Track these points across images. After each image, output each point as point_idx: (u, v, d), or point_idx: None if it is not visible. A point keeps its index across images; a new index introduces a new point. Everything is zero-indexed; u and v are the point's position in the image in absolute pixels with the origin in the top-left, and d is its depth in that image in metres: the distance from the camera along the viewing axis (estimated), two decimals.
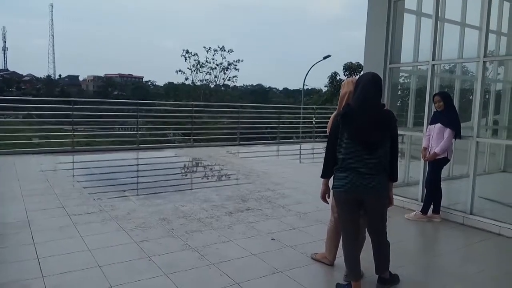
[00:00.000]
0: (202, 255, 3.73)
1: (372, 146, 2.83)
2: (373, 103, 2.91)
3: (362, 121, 2.85)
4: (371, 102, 2.89)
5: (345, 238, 3.08)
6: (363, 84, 2.95)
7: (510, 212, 5.15)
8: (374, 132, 2.84)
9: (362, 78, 3.03)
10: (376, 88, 2.93)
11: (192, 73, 36.21)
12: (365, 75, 3.07)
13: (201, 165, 9.42)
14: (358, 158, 2.85)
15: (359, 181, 2.85)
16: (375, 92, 2.92)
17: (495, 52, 7.39)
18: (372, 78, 2.97)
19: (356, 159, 2.85)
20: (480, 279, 3.48)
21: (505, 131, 7.85)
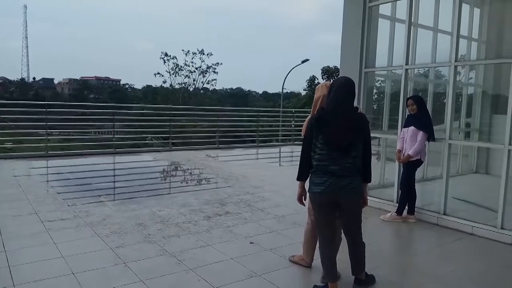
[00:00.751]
0: (180, 260, 3.69)
1: (346, 148, 2.89)
2: (346, 107, 2.97)
3: (336, 124, 2.91)
4: (344, 106, 2.95)
5: (322, 240, 3.11)
6: (336, 88, 3.01)
7: (482, 212, 5.30)
8: (348, 135, 2.90)
9: (335, 82, 3.10)
10: (348, 92, 3.00)
11: (171, 76, 35.97)
12: (338, 79, 3.14)
13: (179, 169, 9.33)
14: (333, 160, 2.90)
15: (335, 183, 2.89)
16: (347, 96, 2.98)
17: (466, 57, 7.63)
18: (345, 82, 3.04)
19: (331, 161, 2.90)
20: (454, 278, 3.56)
21: (476, 133, 8.10)
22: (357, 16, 5.91)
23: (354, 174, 2.93)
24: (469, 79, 8.68)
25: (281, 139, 15.70)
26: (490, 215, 4.79)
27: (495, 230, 4.55)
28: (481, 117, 7.95)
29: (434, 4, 6.92)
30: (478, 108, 8.05)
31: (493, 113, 7.68)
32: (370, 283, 3.27)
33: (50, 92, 71.58)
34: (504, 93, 4.51)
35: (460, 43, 5.07)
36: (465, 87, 8.42)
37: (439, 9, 6.88)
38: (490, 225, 4.62)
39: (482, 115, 7.95)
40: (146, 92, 44.41)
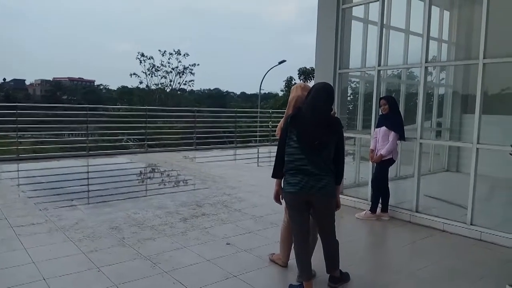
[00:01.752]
0: (155, 263, 3.64)
1: (318, 148, 2.93)
2: (323, 109, 3.01)
3: (309, 123, 2.96)
4: (320, 109, 2.99)
5: (296, 239, 3.14)
6: (316, 90, 3.06)
7: (452, 209, 5.45)
8: (320, 135, 2.94)
9: (317, 85, 3.15)
10: (328, 96, 3.06)
11: (147, 76, 35.49)
12: (318, 83, 3.19)
13: (155, 171, 9.21)
14: (306, 159, 2.94)
15: (308, 182, 2.94)
16: (327, 99, 3.04)
17: (437, 58, 7.85)
18: (325, 86, 3.10)
19: (304, 161, 2.95)
20: (426, 274, 3.65)
21: (447, 132, 8.35)
22: (330, 18, 5.98)
23: (326, 174, 2.97)
24: (440, 80, 8.94)
25: (259, 140, 15.74)
26: (461, 212, 4.93)
27: (465, 226, 4.70)
28: (452, 116, 8.20)
29: (405, 7, 7.09)
30: (448, 108, 8.30)
31: (463, 113, 7.94)
32: (344, 281, 3.32)
33: (22, 94, 69.34)
34: (473, 93, 4.66)
35: (431, 45, 5.21)
36: (436, 88, 8.67)
37: (410, 11, 7.06)
38: (460, 222, 4.76)
39: (452, 114, 8.20)
40: (121, 93, 43.57)
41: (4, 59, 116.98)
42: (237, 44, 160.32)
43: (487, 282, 3.48)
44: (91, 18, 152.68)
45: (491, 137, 4.78)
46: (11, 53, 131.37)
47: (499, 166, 5.17)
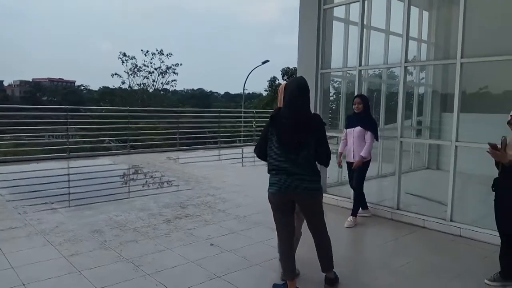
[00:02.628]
0: (137, 266, 3.61)
1: (297, 146, 2.93)
2: (298, 107, 3.00)
3: (288, 123, 2.96)
4: (296, 107, 3.00)
5: (280, 238, 3.15)
6: (289, 89, 3.09)
7: (433, 206, 5.56)
8: (298, 134, 2.94)
9: (289, 83, 3.16)
10: (300, 92, 3.03)
11: (129, 76, 35.07)
12: (291, 80, 3.20)
13: (138, 173, 9.11)
14: (286, 159, 2.95)
15: (292, 182, 2.94)
16: (299, 96, 3.02)
17: (417, 58, 7.99)
18: (297, 83, 3.09)
19: (284, 161, 2.95)
20: (407, 270, 3.72)
21: (427, 131, 8.51)
22: (312, 18, 6.02)
23: (308, 172, 2.98)
24: (420, 80, 9.10)
25: (243, 140, 15.73)
26: (440, 208, 5.03)
27: (444, 222, 4.80)
28: (431, 115, 8.36)
29: (385, 7, 7.19)
30: (428, 107, 8.46)
31: (442, 111, 8.09)
32: (338, 282, 3.30)
33: (0, 95, 67.62)
34: (451, 92, 4.75)
35: (411, 45, 5.30)
36: (416, 87, 8.82)
37: (390, 12, 7.16)
38: (440, 218, 4.86)
39: (432, 113, 8.36)
40: (103, 94, 42.89)
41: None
42: (221, 44, 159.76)
43: (466, 277, 3.56)
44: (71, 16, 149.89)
45: (470, 135, 4.88)
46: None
47: (477, 163, 5.30)
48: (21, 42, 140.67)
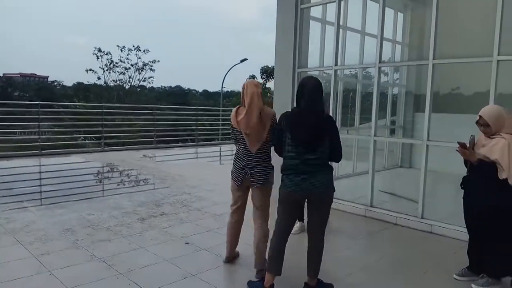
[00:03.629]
0: (110, 265, 3.54)
1: (313, 146, 2.94)
2: (314, 109, 2.99)
3: (303, 124, 2.95)
4: (311, 109, 2.98)
5: (278, 232, 3.10)
6: (306, 90, 3.01)
7: (405, 203, 5.69)
8: (315, 133, 2.94)
9: (303, 84, 3.07)
10: (318, 93, 3.02)
11: (105, 72, 34.29)
12: (305, 80, 3.14)
13: (112, 171, 8.95)
14: (302, 158, 2.94)
15: (305, 181, 2.94)
16: (316, 97, 3.01)
17: (391, 59, 8.16)
18: (313, 84, 3.04)
19: (299, 161, 2.95)
20: (380, 266, 3.80)
21: (401, 130, 8.70)
22: (289, 17, 6.05)
23: (322, 171, 2.99)
24: (395, 80, 9.29)
25: (221, 138, 15.69)
26: (412, 206, 5.16)
27: (416, 219, 4.92)
28: (405, 115, 8.55)
29: (361, 8, 7.31)
30: (402, 107, 8.65)
31: (415, 111, 8.30)
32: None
33: None
34: (424, 93, 4.87)
35: (386, 46, 5.40)
36: (391, 87, 9.00)
37: (366, 13, 7.27)
38: (412, 215, 4.98)
39: (405, 113, 8.56)
40: (77, 90, 41.87)
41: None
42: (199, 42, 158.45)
43: (437, 273, 3.66)
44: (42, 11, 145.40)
45: (441, 135, 5.02)
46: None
47: (448, 162, 5.45)
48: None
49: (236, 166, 3.44)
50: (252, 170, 3.35)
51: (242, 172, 3.39)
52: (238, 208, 3.57)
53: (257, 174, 3.35)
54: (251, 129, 3.28)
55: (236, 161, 3.46)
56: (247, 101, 3.30)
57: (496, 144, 3.07)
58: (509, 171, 3.00)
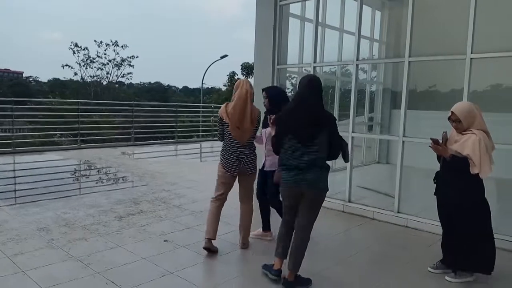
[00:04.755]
0: (86, 264, 3.49)
1: (309, 141, 3.02)
2: (311, 106, 3.08)
3: (300, 121, 3.05)
4: (308, 106, 3.08)
5: (283, 221, 3.34)
6: (302, 87, 3.17)
7: (382, 198, 5.80)
8: (310, 129, 3.02)
9: (301, 81, 3.23)
10: (312, 89, 3.12)
11: (81, 68, 33.55)
12: (304, 78, 3.26)
13: (89, 168, 8.78)
14: (298, 156, 3.05)
15: (298, 176, 3.06)
16: (311, 93, 3.11)
17: (369, 56, 8.26)
18: (308, 81, 3.18)
19: (296, 157, 3.06)
20: (357, 260, 3.86)
21: (378, 126, 8.84)
22: (269, 14, 6.06)
23: (318, 168, 3.08)
24: (373, 78, 9.42)
25: (202, 135, 15.61)
26: (389, 201, 5.26)
27: (392, 214, 5.02)
28: (382, 112, 8.68)
29: (340, 6, 7.36)
30: (379, 104, 8.78)
31: (392, 108, 8.43)
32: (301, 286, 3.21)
33: None
34: (401, 90, 4.95)
35: (364, 44, 5.46)
36: (369, 85, 9.12)
37: (344, 10, 7.34)
38: (389, 210, 5.09)
39: (383, 110, 8.69)
40: (53, 86, 40.81)
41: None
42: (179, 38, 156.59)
43: (412, 266, 3.74)
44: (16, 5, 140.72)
45: (417, 131, 5.13)
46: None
47: (423, 157, 5.58)
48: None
49: (229, 157, 3.77)
50: (245, 159, 3.78)
51: (236, 162, 3.75)
52: (222, 195, 3.88)
53: (250, 163, 3.82)
54: (244, 124, 3.68)
55: (229, 153, 3.78)
56: (242, 98, 3.66)
57: (467, 140, 3.16)
58: (480, 166, 3.10)
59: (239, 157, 3.77)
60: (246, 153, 3.80)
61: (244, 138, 3.75)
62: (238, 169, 3.78)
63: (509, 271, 3.61)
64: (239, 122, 3.69)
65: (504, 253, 4.04)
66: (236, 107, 3.68)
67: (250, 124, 3.74)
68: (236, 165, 3.77)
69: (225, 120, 3.72)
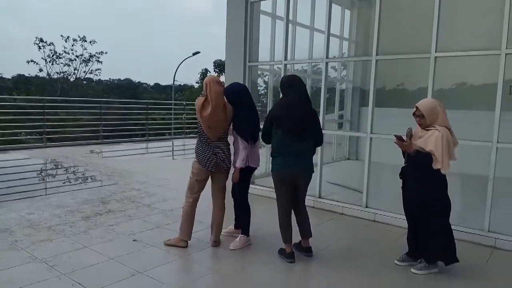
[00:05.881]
0: (51, 266, 3.38)
1: (302, 132, 3.55)
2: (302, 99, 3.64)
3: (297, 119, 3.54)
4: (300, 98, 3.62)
5: (282, 210, 3.69)
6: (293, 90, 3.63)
7: (351, 193, 5.91)
8: (303, 122, 3.56)
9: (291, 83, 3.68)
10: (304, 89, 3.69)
11: (47, 64, 32.31)
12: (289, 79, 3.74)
13: (55, 167, 8.51)
14: (294, 146, 3.54)
15: (298, 163, 3.57)
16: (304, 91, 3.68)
17: (339, 55, 8.38)
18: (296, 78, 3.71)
19: (292, 147, 3.54)
20: (326, 254, 3.92)
21: (348, 124, 9.00)
22: (239, 11, 6.04)
23: (310, 155, 3.67)
24: (343, 76, 9.57)
25: (174, 132, 15.42)
26: (358, 196, 5.37)
27: (361, 209, 5.14)
28: (352, 109, 8.85)
29: (310, 4, 7.43)
30: (349, 101, 8.94)
31: (361, 106, 8.60)
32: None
33: None
34: (369, 88, 5.06)
35: (335, 42, 5.53)
36: (339, 83, 9.27)
37: (315, 8, 7.41)
38: (357, 205, 5.20)
39: (352, 107, 8.85)
40: (17, 82, 39.11)
41: None
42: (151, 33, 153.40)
43: (379, 259, 3.84)
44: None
45: (385, 128, 5.23)
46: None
47: (390, 153, 5.72)
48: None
49: (205, 153, 3.78)
50: (221, 154, 3.82)
51: (212, 157, 3.78)
52: (197, 193, 3.90)
53: (227, 159, 3.88)
54: (216, 124, 3.71)
55: (206, 149, 3.79)
56: (213, 99, 3.64)
57: (431, 136, 3.26)
58: (442, 162, 3.21)
59: (215, 152, 3.79)
60: (221, 147, 3.84)
61: (216, 136, 3.76)
62: (215, 164, 3.79)
63: (472, 261, 3.76)
64: (210, 122, 3.68)
65: (468, 244, 4.23)
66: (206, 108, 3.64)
67: (223, 122, 3.77)
68: (212, 160, 3.78)
69: (199, 120, 3.71)
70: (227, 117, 3.78)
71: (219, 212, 3.99)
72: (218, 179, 3.94)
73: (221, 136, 3.82)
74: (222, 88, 3.75)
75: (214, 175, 3.91)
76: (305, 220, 3.80)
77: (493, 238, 4.22)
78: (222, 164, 3.84)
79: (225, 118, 3.76)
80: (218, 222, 3.99)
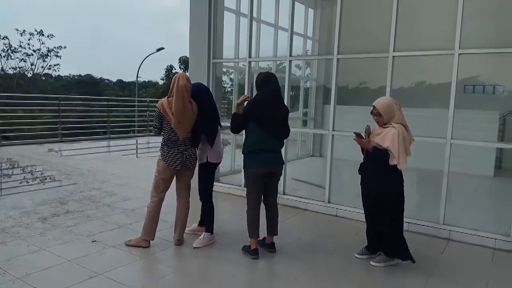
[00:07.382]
0: (5, 270, 3.23)
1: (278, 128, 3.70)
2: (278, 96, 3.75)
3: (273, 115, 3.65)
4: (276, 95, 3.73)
5: (253, 205, 3.76)
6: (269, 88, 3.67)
7: (314, 190, 6.01)
8: (282, 123, 3.75)
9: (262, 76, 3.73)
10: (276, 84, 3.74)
11: (2, 59, 30.74)
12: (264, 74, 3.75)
13: (11, 167, 8.11)
14: (270, 142, 3.66)
15: (274, 158, 3.71)
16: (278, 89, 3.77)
17: (303, 53, 8.50)
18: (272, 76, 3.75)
19: (269, 143, 3.65)
20: (289, 249, 3.97)
21: (312, 121, 9.16)
22: (203, 7, 5.98)
23: (280, 149, 3.80)
24: (307, 74, 9.72)
25: (137, 130, 15.10)
26: (321, 192, 5.48)
27: (323, 204, 5.24)
28: (315, 107, 9.01)
29: (274, 2, 7.48)
30: (313, 99, 9.09)
31: (325, 104, 8.78)
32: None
33: None
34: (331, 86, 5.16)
35: (299, 41, 5.59)
36: (303, 81, 9.40)
37: (279, 7, 7.47)
38: (320, 201, 5.30)
39: (316, 105, 9.01)
40: None
41: None
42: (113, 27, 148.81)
43: (341, 253, 3.93)
44: None
45: (347, 125, 5.35)
46: None
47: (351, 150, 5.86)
48: None
49: (171, 151, 3.74)
50: (188, 152, 3.80)
51: (179, 155, 3.74)
52: (162, 192, 3.86)
53: (193, 157, 3.86)
54: (186, 119, 3.67)
55: (170, 147, 3.75)
56: (184, 92, 3.63)
57: (387, 133, 3.38)
58: (398, 158, 3.32)
59: (181, 150, 3.76)
60: (188, 145, 3.81)
61: (183, 132, 3.73)
62: (181, 162, 3.75)
63: (428, 253, 3.93)
64: (181, 118, 3.64)
65: (424, 237, 4.42)
66: (177, 103, 3.61)
67: (192, 118, 3.75)
68: (178, 159, 3.74)
69: (165, 116, 3.64)
70: (194, 113, 3.76)
71: (184, 210, 3.96)
72: (183, 177, 3.92)
73: (187, 134, 3.78)
74: (190, 85, 3.73)
75: (179, 173, 3.88)
76: (275, 214, 3.90)
77: (448, 230, 4.43)
78: (188, 162, 3.81)
79: (192, 114, 3.75)
80: (182, 220, 3.96)
